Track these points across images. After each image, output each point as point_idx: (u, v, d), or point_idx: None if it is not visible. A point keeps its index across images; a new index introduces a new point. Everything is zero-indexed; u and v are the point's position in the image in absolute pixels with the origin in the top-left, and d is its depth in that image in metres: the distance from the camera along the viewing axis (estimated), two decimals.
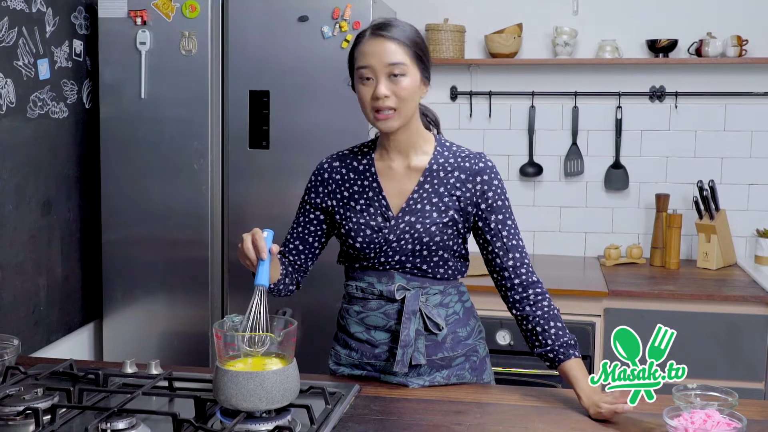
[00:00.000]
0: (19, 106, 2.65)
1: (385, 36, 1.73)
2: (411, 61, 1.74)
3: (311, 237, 1.93)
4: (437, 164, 1.83)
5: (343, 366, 1.93)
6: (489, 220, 1.82)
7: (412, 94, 1.75)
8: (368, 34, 1.76)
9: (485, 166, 1.84)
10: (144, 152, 2.95)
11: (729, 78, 3.42)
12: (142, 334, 3.02)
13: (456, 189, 1.82)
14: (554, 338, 1.77)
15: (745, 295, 2.89)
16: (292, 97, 2.87)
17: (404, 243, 1.80)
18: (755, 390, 2.88)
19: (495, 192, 1.82)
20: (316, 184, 1.91)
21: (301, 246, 1.93)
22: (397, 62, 1.72)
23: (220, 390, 1.54)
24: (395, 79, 1.73)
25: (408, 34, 1.75)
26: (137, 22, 2.90)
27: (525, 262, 1.83)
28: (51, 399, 1.63)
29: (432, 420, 1.65)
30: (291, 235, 1.95)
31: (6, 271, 2.61)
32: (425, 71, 1.78)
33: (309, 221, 1.93)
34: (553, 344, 1.77)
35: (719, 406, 1.56)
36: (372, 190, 1.85)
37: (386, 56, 1.72)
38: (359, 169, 1.87)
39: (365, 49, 1.74)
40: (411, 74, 1.74)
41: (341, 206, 1.87)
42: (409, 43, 1.74)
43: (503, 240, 1.82)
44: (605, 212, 3.57)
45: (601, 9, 3.49)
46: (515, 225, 1.85)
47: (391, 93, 1.72)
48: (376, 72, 1.73)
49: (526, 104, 3.56)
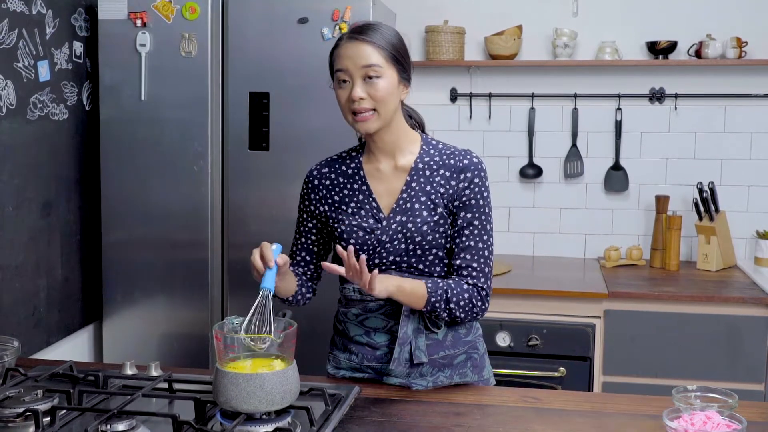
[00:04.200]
0: (19, 108, 2.65)
1: (361, 39, 1.74)
2: (387, 62, 1.74)
3: (315, 246, 1.95)
4: (423, 163, 1.84)
5: (343, 369, 1.93)
6: (458, 216, 1.82)
7: (388, 95, 1.75)
8: (345, 37, 1.77)
9: (470, 163, 1.83)
10: (144, 154, 2.95)
11: (729, 79, 3.42)
12: (142, 335, 3.02)
13: (441, 186, 1.82)
14: (440, 285, 1.78)
15: (745, 297, 2.89)
16: (292, 98, 2.87)
17: (397, 243, 1.81)
18: (755, 391, 2.88)
19: (473, 190, 1.81)
20: (308, 191, 1.93)
21: (308, 257, 1.96)
22: (372, 64, 1.73)
23: (220, 392, 1.54)
24: (371, 81, 1.73)
25: (385, 36, 1.76)
26: (137, 24, 2.90)
27: (473, 266, 1.81)
28: (51, 401, 1.63)
29: (432, 421, 1.65)
30: (296, 247, 1.97)
31: (6, 273, 2.61)
32: (403, 72, 1.79)
33: (308, 230, 1.95)
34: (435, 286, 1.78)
35: (719, 407, 1.56)
36: (362, 192, 1.85)
37: (360, 59, 1.73)
38: (348, 173, 1.88)
39: (341, 52, 1.76)
40: (387, 76, 1.74)
41: (333, 210, 1.88)
42: (385, 45, 1.75)
43: (462, 238, 1.82)
44: (605, 214, 3.57)
45: (600, 11, 3.50)
46: (484, 228, 1.82)
47: (367, 95, 1.73)
48: (352, 74, 1.74)
49: (525, 106, 3.56)
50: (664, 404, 1.64)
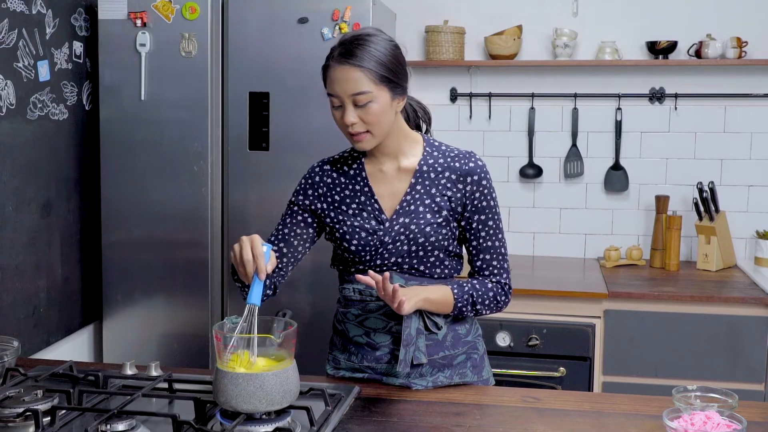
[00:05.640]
0: (19, 108, 2.65)
1: (350, 63, 1.70)
2: (377, 85, 1.70)
3: (296, 240, 1.90)
4: (427, 165, 1.84)
5: (342, 370, 1.92)
6: (472, 220, 1.84)
7: (380, 116, 1.73)
8: (335, 56, 1.73)
9: (475, 165, 1.84)
10: (144, 154, 2.95)
11: (728, 79, 3.42)
12: (141, 335, 3.02)
13: (447, 189, 1.82)
14: (467, 286, 1.84)
15: (745, 297, 2.89)
16: (292, 98, 2.87)
17: (400, 244, 1.81)
18: (755, 391, 2.88)
19: (482, 193, 1.83)
20: (305, 186, 1.91)
21: (285, 249, 1.90)
22: (362, 92, 1.70)
23: (220, 392, 1.54)
24: (362, 107, 1.71)
25: (375, 55, 1.70)
26: (137, 24, 2.90)
27: (494, 264, 1.86)
28: (51, 401, 1.63)
29: (432, 421, 1.65)
30: (275, 237, 1.91)
31: (6, 273, 2.61)
32: (397, 88, 1.75)
33: (296, 223, 1.90)
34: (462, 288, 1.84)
35: (719, 407, 1.56)
36: (364, 194, 1.85)
37: (350, 86, 1.70)
38: (350, 173, 1.88)
39: (332, 75, 1.73)
40: (379, 99, 1.71)
41: (332, 210, 1.87)
42: (375, 67, 1.70)
43: (479, 240, 1.85)
44: (605, 214, 3.57)
45: (600, 11, 3.50)
46: (497, 226, 1.86)
47: (359, 119, 1.72)
48: (342, 100, 1.72)
49: (525, 106, 3.56)
50: (664, 404, 1.64)
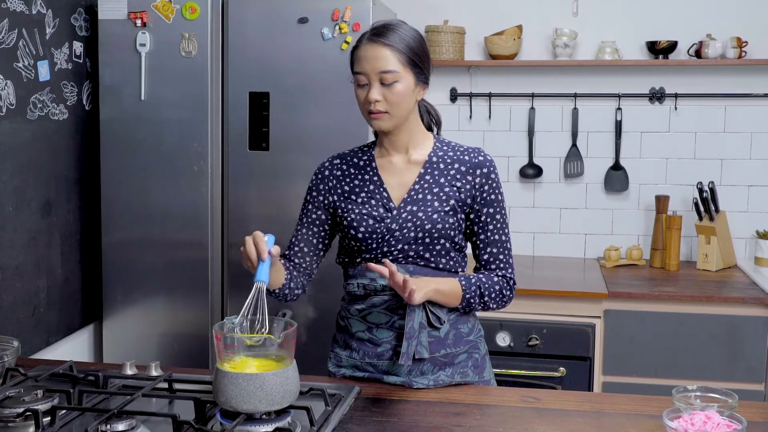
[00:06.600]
0: (18, 108, 2.65)
1: (381, 42, 1.78)
2: (404, 67, 1.78)
3: (315, 238, 1.95)
4: (437, 157, 1.89)
5: (344, 368, 1.93)
6: (480, 213, 1.87)
7: (403, 98, 1.80)
8: (366, 38, 1.81)
9: (485, 159, 1.89)
10: (144, 154, 2.95)
11: (729, 79, 3.42)
12: (141, 335, 3.02)
13: (456, 180, 1.86)
14: (476, 279, 1.87)
15: (745, 297, 2.89)
16: (292, 98, 2.87)
17: (406, 231, 1.83)
18: (755, 391, 2.88)
19: (491, 186, 1.88)
20: (317, 182, 1.95)
21: (306, 248, 1.96)
22: (389, 70, 1.77)
23: (220, 392, 1.54)
24: (387, 85, 1.78)
25: (405, 39, 1.79)
26: (137, 24, 2.90)
27: (500, 257, 1.90)
28: (51, 401, 1.63)
29: (432, 421, 1.65)
30: (295, 238, 1.97)
31: (6, 273, 2.61)
32: (421, 75, 1.83)
33: (312, 221, 1.95)
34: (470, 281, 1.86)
35: (719, 407, 1.56)
36: (373, 183, 1.89)
37: (379, 63, 1.77)
38: (360, 164, 1.92)
39: (361, 54, 1.80)
40: (404, 80, 1.79)
41: (342, 200, 1.90)
42: (404, 49, 1.78)
43: (487, 233, 1.89)
44: (605, 214, 3.57)
45: (600, 11, 3.50)
46: (504, 221, 1.90)
47: (383, 98, 1.78)
48: (370, 77, 1.79)
49: (525, 106, 3.56)
50: (664, 404, 1.64)
